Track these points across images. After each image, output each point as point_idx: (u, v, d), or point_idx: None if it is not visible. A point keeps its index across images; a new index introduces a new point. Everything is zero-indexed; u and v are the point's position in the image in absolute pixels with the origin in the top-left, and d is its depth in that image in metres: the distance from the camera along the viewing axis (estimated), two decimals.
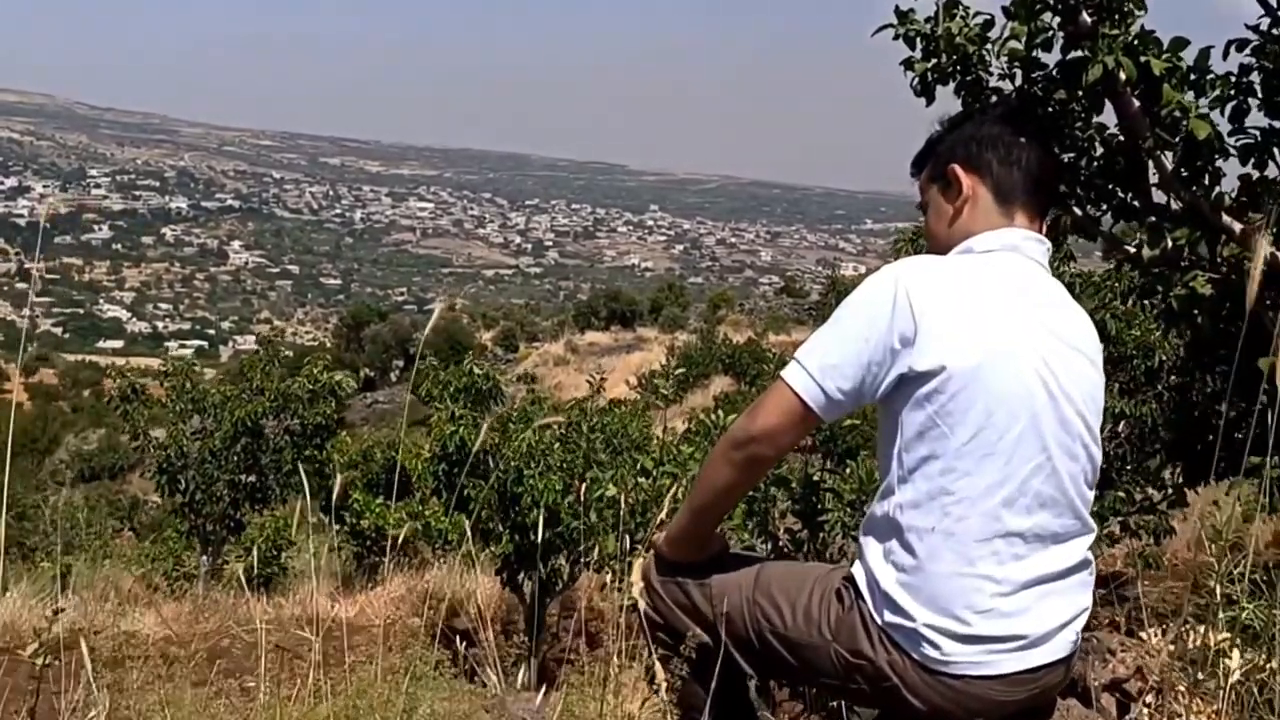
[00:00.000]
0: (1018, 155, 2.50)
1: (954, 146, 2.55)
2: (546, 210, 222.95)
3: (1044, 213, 2.57)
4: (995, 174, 2.49)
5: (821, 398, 2.29)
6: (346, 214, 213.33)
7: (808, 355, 2.32)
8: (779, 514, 4.16)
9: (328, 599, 11.12)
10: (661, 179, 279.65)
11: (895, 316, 2.24)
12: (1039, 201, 2.51)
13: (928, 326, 2.22)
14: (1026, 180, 2.49)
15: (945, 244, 2.51)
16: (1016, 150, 2.50)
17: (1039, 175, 2.50)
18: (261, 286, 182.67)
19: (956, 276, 2.32)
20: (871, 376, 2.27)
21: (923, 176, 2.63)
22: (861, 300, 2.31)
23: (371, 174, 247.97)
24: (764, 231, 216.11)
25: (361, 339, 56.27)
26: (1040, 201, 2.52)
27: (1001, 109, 2.73)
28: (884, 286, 2.29)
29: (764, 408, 2.35)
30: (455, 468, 8.57)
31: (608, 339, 48.98)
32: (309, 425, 12.31)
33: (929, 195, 2.60)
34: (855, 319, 2.30)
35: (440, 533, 10.64)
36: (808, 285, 67.36)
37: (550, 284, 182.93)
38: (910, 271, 2.30)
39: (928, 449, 2.26)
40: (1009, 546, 2.26)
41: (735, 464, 2.41)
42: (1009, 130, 2.53)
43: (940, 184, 2.55)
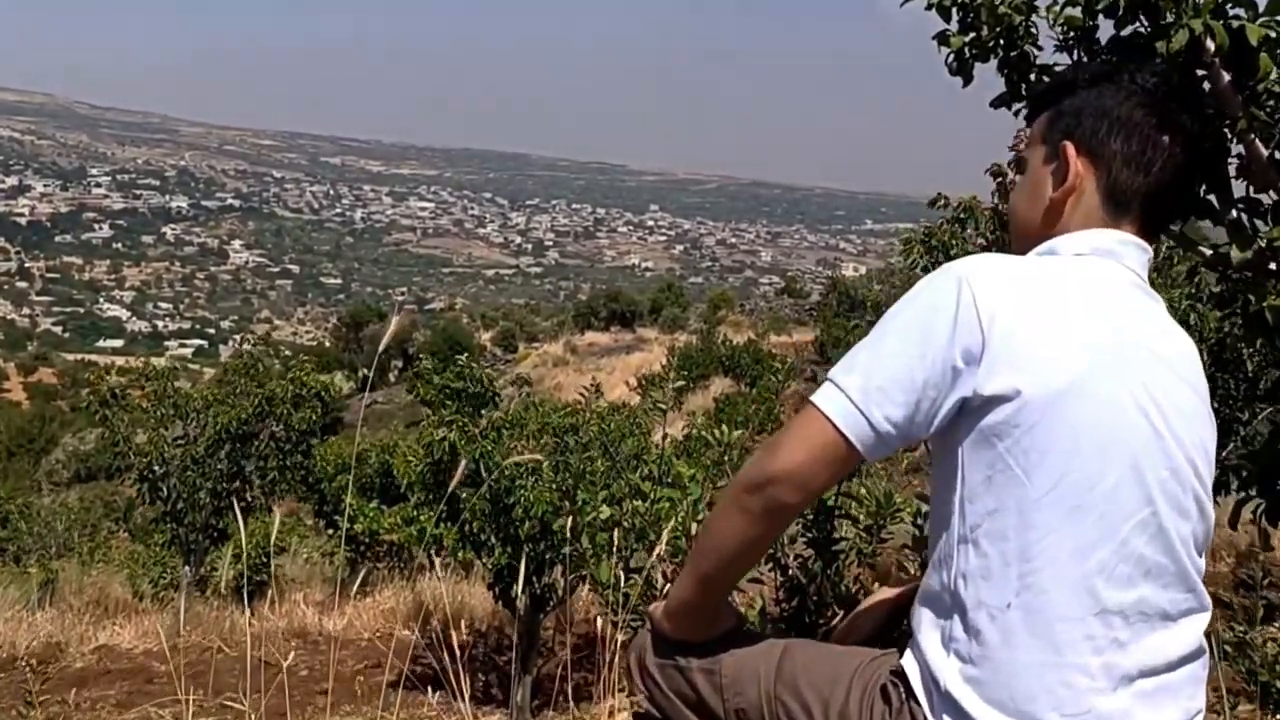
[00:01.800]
0: (1153, 158, 1.95)
1: (1080, 114, 1.98)
2: (547, 210, 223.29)
3: (1162, 228, 2.09)
4: (1115, 173, 1.95)
5: (866, 429, 1.77)
6: (347, 213, 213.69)
7: (846, 374, 1.80)
8: (788, 539, 3.78)
9: (315, 610, 10.78)
10: (662, 179, 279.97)
11: (958, 326, 1.74)
12: (1159, 216, 2.01)
13: (999, 340, 1.72)
14: (1152, 190, 1.96)
15: (1027, 229, 2.02)
16: (1153, 151, 1.95)
17: (1170, 187, 1.97)
18: (262, 286, 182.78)
19: (1037, 280, 1.81)
20: (928, 402, 1.76)
21: (1035, 126, 2.07)
22: (915, 305, 1.81)
23: (372, 173, 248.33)
24: (764, 232, 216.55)
25: (360, 339, 55.99)
26: (1161, 216, 2.02)
27: (1158, 83, 2.00)
28: (944, 288, 1.78)
29: (789, 441, 1.81)
30: (445, 475, 8.21)
31: (607, 339, 48.78)
32: (295, 431, 11.92)
33: (1030, 155, 2.05)
34: (907, 329, 1.79)
35: (436, 538, 10.30)
36: (808, 286, 67.11)
37: (550, 284, 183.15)
38: (977, 270, 1.79)
39: (997, 499, 1.74)
40: (1106, 629, 1.74)
41: (751, 514, 1.85)
42: (1154, 120, 1.96)
43: (1048, 151, 2.00)
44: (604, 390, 38.58)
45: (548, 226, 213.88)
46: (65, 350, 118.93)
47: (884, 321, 1.83)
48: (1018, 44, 2.83)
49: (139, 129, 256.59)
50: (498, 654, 9.89)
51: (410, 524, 10.64)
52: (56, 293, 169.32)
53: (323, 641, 10.11)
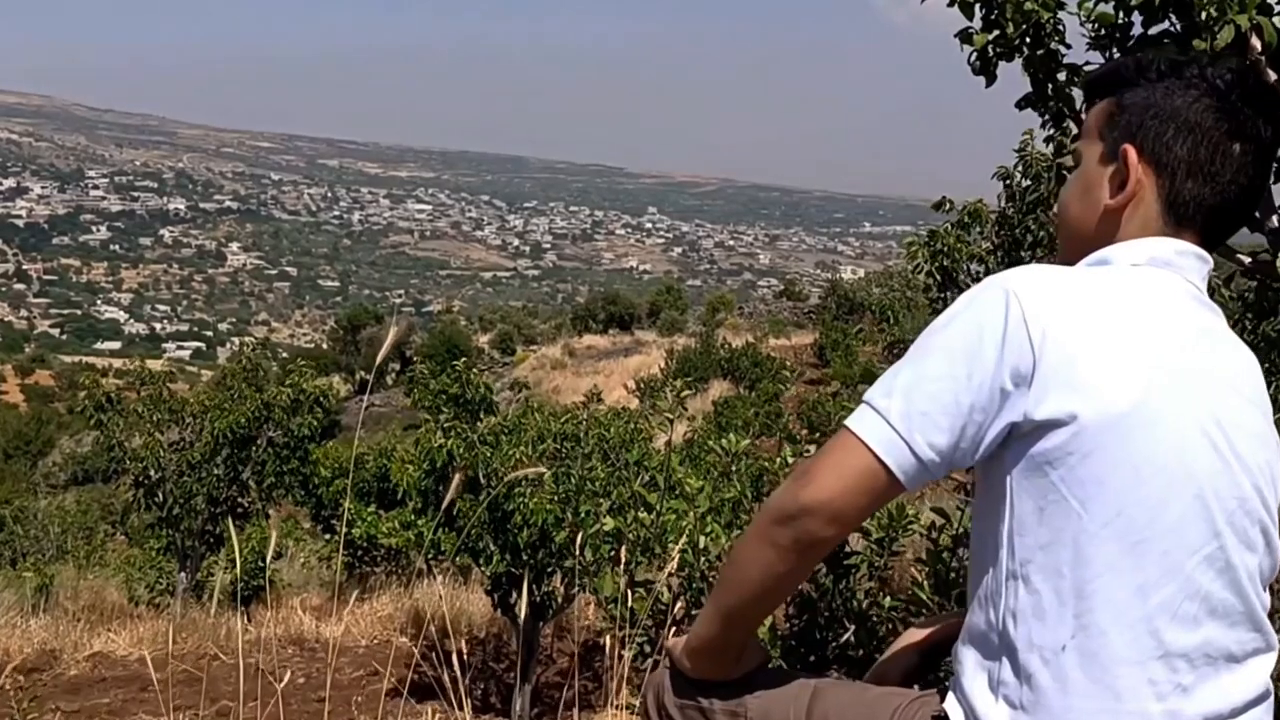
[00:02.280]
0: (1221, 168, 1.76)
1: (1144, 113, 1.78)
2: (544, 212, 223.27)
3: (1223, 239, 1.90)
4: (1178, 182, 1.76)
5: (907, 457, 1.62)
6: (344, 216, 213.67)
7: (885, 397, 1.65)
8: None
9: (312, 617, 10.68)
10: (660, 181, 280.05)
11: (1007, 344, 1.59)
12: (1222, 228, 1.83)
13: (1052, 360, 1.58)
14: (1218, 202, 1.78)
15: (1078, 233, 1.84)
16: (1223, 161, 1.76)
17: (1237, 199, 1.79)
18: (259, 288, 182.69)
19: (1091, 295, 1.66)
20: (974, 428, 1.61)
21: (1090, 116, 1.88)
22: (960, 322, 1.64)
23: (369, 176, 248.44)
24: (762, 234, 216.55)
25: (358, 341, 55.82)
26: (1224, 228, 1.84)
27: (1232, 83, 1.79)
28: (991, 303, 1.62)
29: (823, 469, 1.66)
30: (444, 483, 8.11)
31: (606, 342, 48.65)
32: (293, 436, 11.79)
33: (1085, 149, 1.86)
34: (951, 348, 1.63)
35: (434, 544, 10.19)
36: (807, 289, 66.98)
37: (548, 286, 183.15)
38: (1026, 283, 1.64)
39: (1051, 532, 1.60)
40: (1170, 672, 1.60)
41: (780, 547, 1.70)
42: (1226, 126, 1.76)
43: (1106, 150, 1.82)
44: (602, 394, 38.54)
45: (545, 229, 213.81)
46: (63, 352, 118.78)
47: (925, 339, 1.68)
48: (1045, 41, 2.70)
49: (137, 131, 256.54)
50: (496, 662, 9.79)
51: (408, 529, 10.55)
52: (54, 295, 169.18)
53: (320, 649, 10.01)
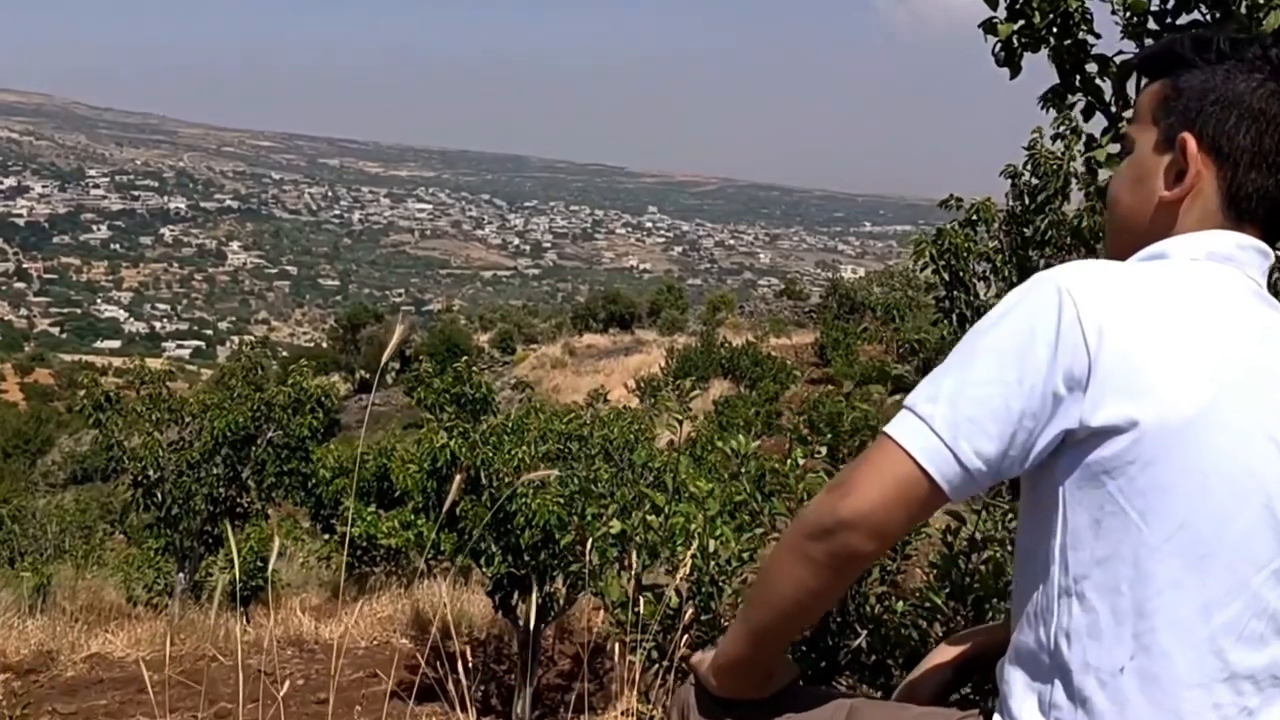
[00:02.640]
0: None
1: (1204, 98, 1.66)
2: (545, 212, 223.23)
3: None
4: (1240, 174, 1.64)
5: (953, 466, 1.51)
6: (345, 215, 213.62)
7: (930, 402, 1.54)
8: None
9: (312, 618, 10.59)
10: (660, 181, 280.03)
11: (1060, 345, 1.48)
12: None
13: (1109, 362, 1.47)
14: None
15: (1130, 226, 1.72)
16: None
17: None
18: (259, 287, 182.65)
19: (1149, 292, 1.54)
20: (1024, 435, 1.50)
21: (1145, 99, 1.74)
22: (1009, 322, 1.53)
23: (370, 175, 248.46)
24: (763, 233, 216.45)
25: (358, 340, 55.75)
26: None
27: None
28: (1042, 301, 1.51)
29: (862, 479, 1.55)
30: (445, 483, 8.03)
31: (606, 341, 48.60)
32: (294, 437, 11.69)
33: (1138, 135, 1.74)
34: (1000, 349, 1.52)
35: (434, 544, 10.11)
36: (807, 288, 66.89)
37: (548, 285, 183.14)
38: (1080, 280, 1.52)
39: (1108, 546, 1.49)
40: (1235, 695, 1.49)
41: (815, 563, 1.59)
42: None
43: (1161, 138, 1.69)
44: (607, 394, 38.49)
45: (546, 228, 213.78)
46: (62, 351, 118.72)
47: (970, 340, 1.56)
48: (1073, 31, 2.59)
49: (137, 130, 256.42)
50: (497, 663, 9.71)
51: (408, 528, 10.47)
52: (54, 293, 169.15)
53: (319, 650, 9.92)
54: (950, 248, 8.66)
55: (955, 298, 8.92)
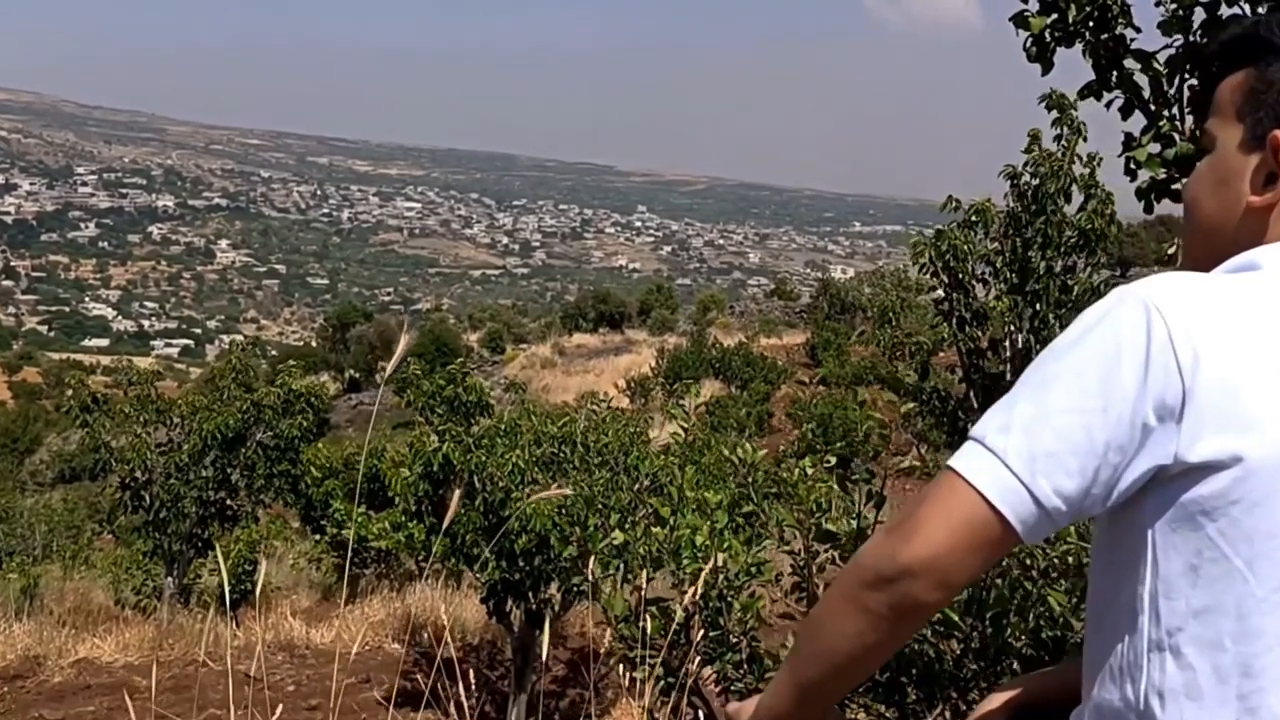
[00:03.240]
0: None
1: None
2: (534, 211, 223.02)
3: None
4: None
5: (1029, 506, 1.34)
6: (334, 213, 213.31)
7: (1002, 433, 1.36)
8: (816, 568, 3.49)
9: (302, 622, 10.46)
10: (649, 180, 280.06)
11: (1151, 371, 1.32)
12: None
13: (1208, 389, 1.31)
14: None
15: (1213, 232, 1.54)
16: None
17: None
18: (248, 285, 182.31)
19: (1247, 309, 1.37)
20: (1109, 470, 1.33)
21: (1227, 91, 1.55)
22: (1091, 342, 1.36)
23: (359, 173, 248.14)
24: (752, 233, 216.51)
25: (347, 339, 55.61)
26: None
27: None
28: (1129, 319, 1.35)
29: (926, 520, 1.37)
30: (439, 487, 7.92)
31: (596, 341, 48.51)
32: (283, 438, 11.53)
33: (1220, 132, 1.54)
34: (1083, 374, 1.35)
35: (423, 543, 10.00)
36: (797, 288, 66.88)
37: (537, 284, 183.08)
38: (1170, 295, 1.36)
39: (1208, 596, 1.33)
40: None
41: (874, 615, 1.41)
42: None
43: (1248, 135, 1.50)
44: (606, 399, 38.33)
45: (535, 227, 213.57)
46: (50, 349, 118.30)
47: (1047, 362, 1.39)
48: (1111, 25, 2.45)
49: (126, 128, 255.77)
50: (490, 669, 9.60)
51: (398, 530, 10.36)
52: (42, 291, 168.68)
53: (310, 655, 9.80)
54: (950, 249, 8.62)
55: (955, 300, 8.89)
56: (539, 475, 7.53)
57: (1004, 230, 8.57)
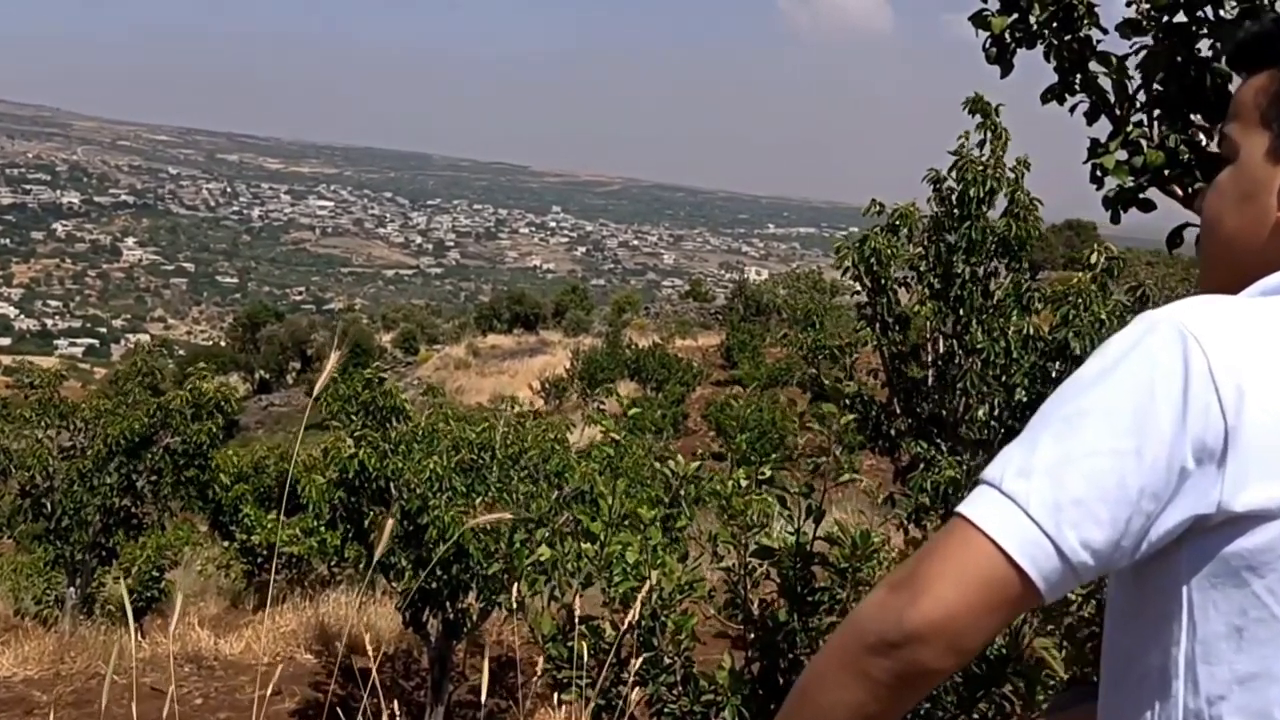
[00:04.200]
0: None
1: None
2: (448, 210, 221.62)
3: None
4: None
5: (1053, 561, 1.18)
6: (244, 211, 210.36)
7: (1022, 476, 1.20)
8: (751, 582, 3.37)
9: (210, 632, 10.17)
10: (564, 180, 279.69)
11: (1190, 406, 1.18)
12: None
13: (1254, 428, 1.17)
14: None
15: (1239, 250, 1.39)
16: None
17: None
18: (155, 284, 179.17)
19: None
20: (1142, 519, 1.19)
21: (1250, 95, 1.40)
22: (1122, 375, 1.22)
23: (270, 171, 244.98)
24: (667, 234, 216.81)
25: (257, 339, 54.89)
26: None
27: None
28: (1163, 348, 1.21)
29: (936, 576, 1.20)
30: (354, 495, 7.71)
31: (510, 342, 48.39)
32: (192, 443, 11.17)
33: (1243, 138, 1.39)
34: (1113, 411, 1.20)
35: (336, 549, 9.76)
36: (712, 289, 67.17)
37: (451, 285, 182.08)
38: (1207, 322, 1.22)
39: (1255, 661, 1.20)
40: None
41: (876, 682, 1.23)
42: None
43: (1275, 142, 1.35)
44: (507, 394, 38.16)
45: (449, 227, 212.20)
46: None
47: (1070, 397, 1.24)
48: (1076, 26, 2.33)
49: (30, 123, 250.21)
50: (406, 679, 9.39)
51: (310, 535, 10.13)
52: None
53: (219, 666, 9.52)
54: (873, 253, 8.55)
55: (878, 304, 8.83)
56: (457, 483, 7.35)
57: (927, 235, 8.52)
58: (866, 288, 8.59)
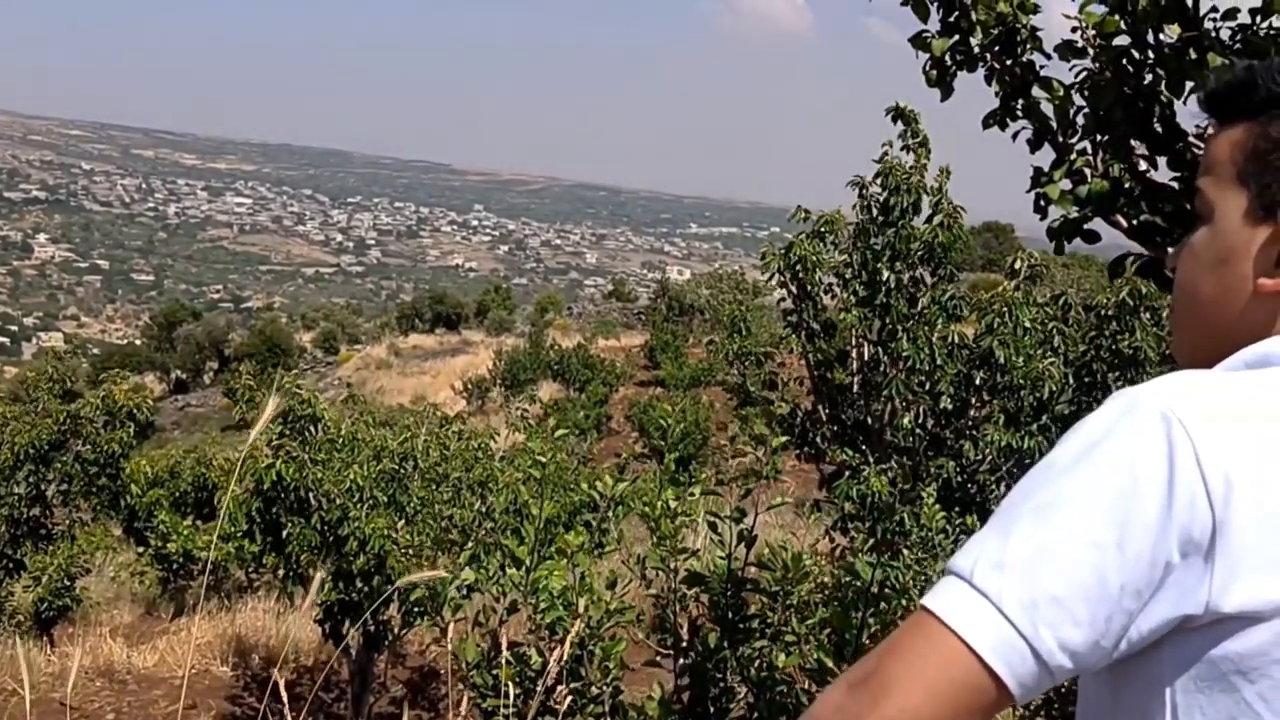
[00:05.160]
0: None
1: None
2: (369, 208, 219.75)
3: None
4: None
5: (1028, 663, 1.08)
6: (160, 208, 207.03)
7: (995, 570, 1.10)
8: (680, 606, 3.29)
9: (123, 644, 9.92)
10: (486, 179, 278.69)
11: (1175, 497, 1.08)
12: None
13: (1244, 522, 1.08)
14: None
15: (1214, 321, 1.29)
16: None
17: None
18: (68, 281, 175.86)
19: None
20: (1123, 617, 1.09)
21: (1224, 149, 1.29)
22: (1099, 457, 1.12)
23: (186, 167, 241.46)
24: (589, 233, 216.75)
25: (174, 339, 54.06)
26: None
27: None
28: (1145, 432, 1.11)
29: (900, 678, 1.09)
30: (272, 505, 7.53)
31: (432, 342, 48.10)
32: (103, 453, 10.86)
33: (1218, 197, 1.29)
34: (1092, 501, 1.10)
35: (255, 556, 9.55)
36: (635, 289, 67.27)
37: (373, 283, 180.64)
38: (1192, 404, 1.12)
39: None
40: None
41: None
42: None
43: (1254, 204, 1.25)
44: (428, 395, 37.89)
45: (370, 225, 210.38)
46: None
47: (1043, 482, 1.13)
48: (1020, 50, 2.26)
49: None
50: (326, 691, 9.21)
51: (228, 541, 9.93)
52: None
53: (131, 680, 9.28)
54: (799, 260, 8.54)
55: (804, 311, 8.82)
56: (379, 493, 7.21)
57: (853, 242, 8.53)
58: (792, 294, 8.59)
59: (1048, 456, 1.15)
